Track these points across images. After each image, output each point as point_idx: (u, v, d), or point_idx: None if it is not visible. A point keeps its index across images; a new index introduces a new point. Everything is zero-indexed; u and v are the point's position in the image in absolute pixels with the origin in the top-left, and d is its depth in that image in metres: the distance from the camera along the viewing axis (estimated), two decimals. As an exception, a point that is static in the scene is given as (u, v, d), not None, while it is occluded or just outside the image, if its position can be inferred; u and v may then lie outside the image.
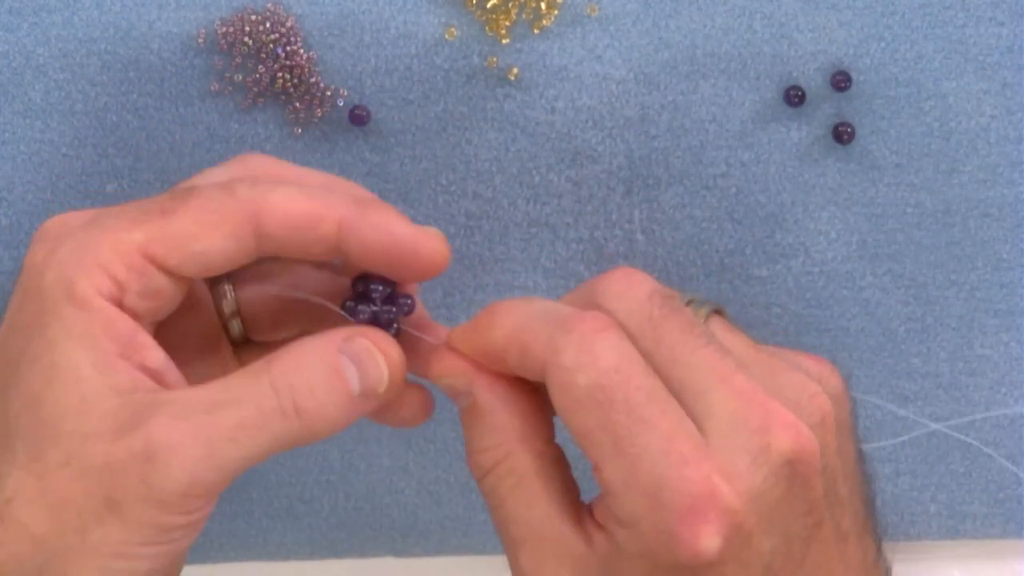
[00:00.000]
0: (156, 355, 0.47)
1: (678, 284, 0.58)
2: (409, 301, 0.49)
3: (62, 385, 0.45)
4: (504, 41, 0.57)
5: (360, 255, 0.48)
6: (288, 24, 0.57)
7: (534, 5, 0.57)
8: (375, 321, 0.49)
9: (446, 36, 0.57)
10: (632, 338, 0.45)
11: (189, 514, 0.45)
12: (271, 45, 0.57)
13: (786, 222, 0.58)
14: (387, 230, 0.47)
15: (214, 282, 0.51)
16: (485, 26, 0.57)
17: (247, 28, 0.57)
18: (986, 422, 0.59)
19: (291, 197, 0.47)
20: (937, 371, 0.59)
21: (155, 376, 0.46)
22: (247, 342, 0.51)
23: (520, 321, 0.46)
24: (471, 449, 0.48)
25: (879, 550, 0.48)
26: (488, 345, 0.47)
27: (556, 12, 0.57)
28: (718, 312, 0.48)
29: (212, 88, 0.57)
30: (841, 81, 0.57)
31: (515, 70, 0.57)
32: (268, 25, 0.57)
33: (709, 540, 0.42)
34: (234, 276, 0.51)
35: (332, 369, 0.46)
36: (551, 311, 0.46)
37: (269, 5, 0.57)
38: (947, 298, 0.59)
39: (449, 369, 0.48)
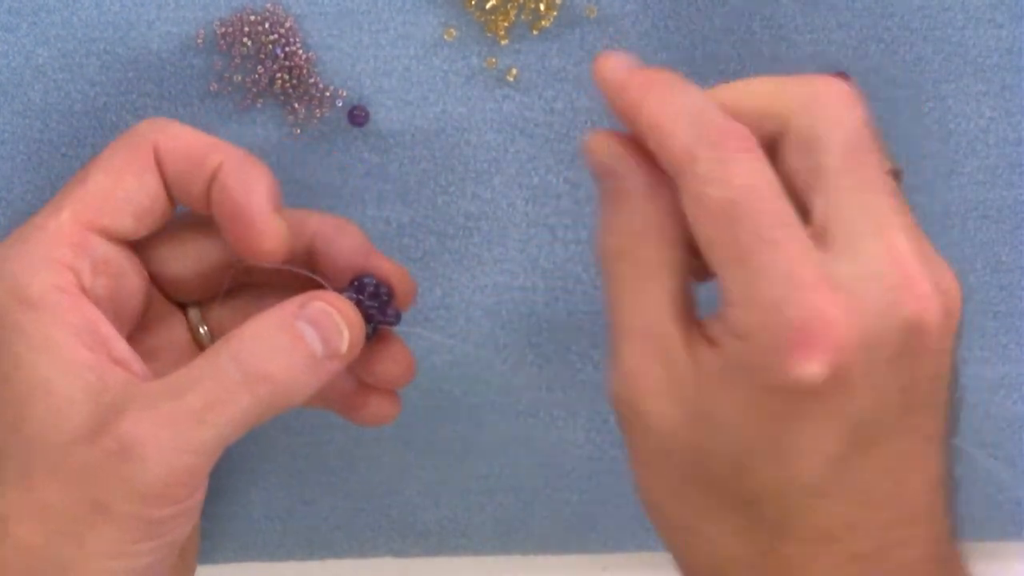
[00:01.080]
0: (120, 345, 0.48)
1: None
2: (395, 313, 0.50)
3: (36, 401, 0.45)
4: (503, 42, 0.57)
5: (215, 202, 0.49)
6: (287, 24, 0.57)
7: (533, 6, 0.57)
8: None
9: (445, 37, 0.57)
10: (825, 153, 0.45)
11: (178, 503, 0.46)
12: (270, 45, 0.57)
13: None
14: (249, 190, 0.49)
15: (184, 304, 0.53)
16: (484, 27, 0.57)
17: (246, 28, 0.57)
18: (985, 424, 0.59)
19: (188, 131, 0.49)
20: (936, 373, 0.59)
21: (121, 365, 0.47)
22: None
23: (667, 111, 0.45)
24: (605, 228, 0.47)
25: (948, 470, 0.48)
26: (633, 116, 0.46)
27: (555, 13, 0.57)
28: (897, 176, 0.48)
29: (211, 88, 0.57)
30: (840, 83, 0.57)
31: (514, 71, 0.57)
32: (267, 25, 0.57)
33: (814, 367, 0.42)
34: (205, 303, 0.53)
35: (292, 334, 0.47)
36: (703, 114, 0.45)
37: (268, 5, 0.57)
38: (946, 300, 0.59)
39: (606, 146, 0.48)
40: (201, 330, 0.53)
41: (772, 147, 0.46)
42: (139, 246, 0.51)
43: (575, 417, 0.59)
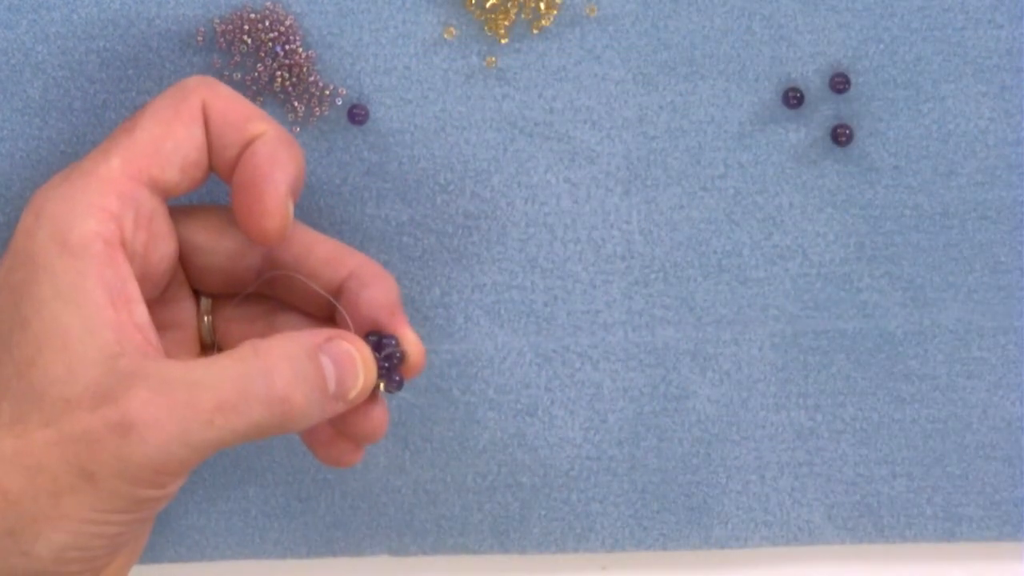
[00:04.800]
0: (141, 310, 0.47)
1: (676, 285, 0.58)
2: (400, 381, 0.51)
3: (51, 352, 0.45)
4: (503, 41, 0.57)
5: (239, 166, 0.49)
6: (287, 23, 0.57)
7: (533, 5, 0.57)
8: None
9: (445, 36, 0.57)
10: None
11: (162, 488, 0.46)
12: (270, 44, 0.57)
13: (784, 224, 0.58)
14: (276, 165, 0.49)
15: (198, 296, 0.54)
16: (484, 26, 0.57)
17: (246, 27, 0.57)
18: (983, 424, 0.59)
19: (236, 95, 0.50)
20: (935, 373, 0.59)
21: (141, 332, 0.47)
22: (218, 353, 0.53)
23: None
24: None
25: None
26: None
27: (555, 12, 0.57)
28: None
29: (211, 86, 0.57)
30: (840, 83, 0.57)
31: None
32: (267, 24, 0.57)
33: None
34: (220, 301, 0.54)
35: (316, 365, 0.47)
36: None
37: (268, 4, 0.57)
38: (945, 300, 0.59)
39: None
40: (205, 319, 0.53)
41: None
42: (180, 229, 0.51)
43: (574, 417, 0.59)
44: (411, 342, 0.52)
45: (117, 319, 0.46)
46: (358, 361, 0.48)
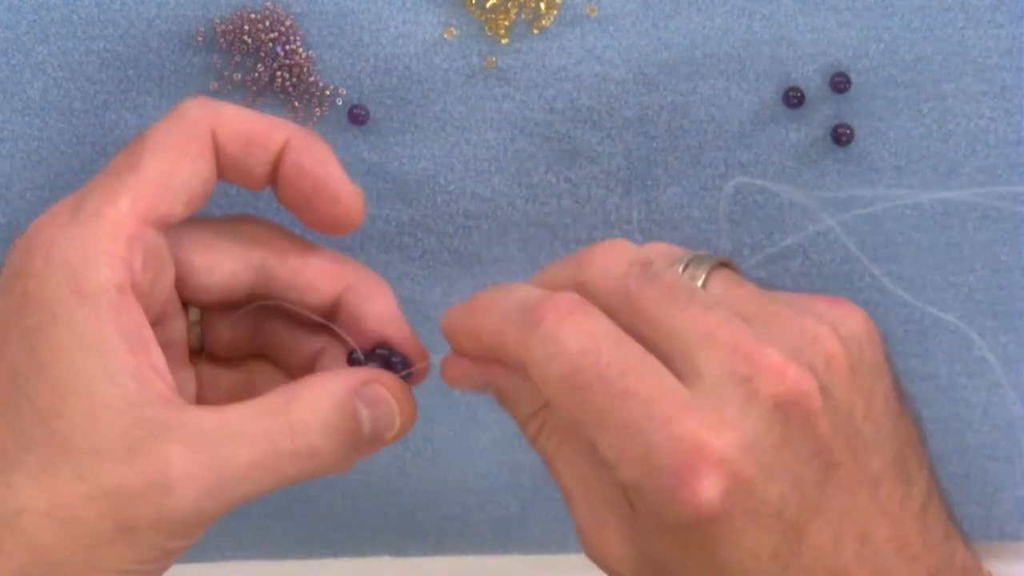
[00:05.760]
0: (157, 355, 0.47)
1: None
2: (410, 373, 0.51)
3: (74, 400, 0.45)
4: (503, 41, 0.57)
5: (290, 182, 0.49)
6: (287, 23, 0.57)
7: (533, 5, 0.57)
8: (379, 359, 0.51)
9: (445, 36, 0.57)
10: (613, 314, 0.45)
11: (191, 537, 0.46)
12: (270, 44, 0.57)
13: (784, 223, 0.58)
14: (324, 164, 0.49)
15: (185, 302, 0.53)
16: (484, 26, 0.57)
17: (246, 27, 0.57)
18: (983, 424, 0.59)
19: (243, 112, 0.49)
20: (935, 373, 0.59)
21: (160, 376, 0.47)
22: (207, 358, 0.53)
23: (495, 319, 0.47)
24: (518, 423, 0.50)
25: (931, 493, 0.47)
26: (476, 345, 0.48)
27: (555, 12, 0.57)
28: (726, 264, 0.48)
29: (211, 87, 0.57)
30: (840, 82, 0.57)
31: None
32: (267, 24, 0.57)
33: (706, 494, 0.42)
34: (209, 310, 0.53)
35: (348, 413, 0.47)
36: (523, 302, 0.46)
37: (268, 4, 0.57)
38: (945, 300, 0.59)
39: (459, 377, 0.49)
40: (196, 328, 0.53)
41: None
42: (176, 250, 0.51)
43: (574, 416, 0.59)
44: (415, 349, 0.52)
45: (137, 366, 0.46)
46: (394, 405, 0.48)
